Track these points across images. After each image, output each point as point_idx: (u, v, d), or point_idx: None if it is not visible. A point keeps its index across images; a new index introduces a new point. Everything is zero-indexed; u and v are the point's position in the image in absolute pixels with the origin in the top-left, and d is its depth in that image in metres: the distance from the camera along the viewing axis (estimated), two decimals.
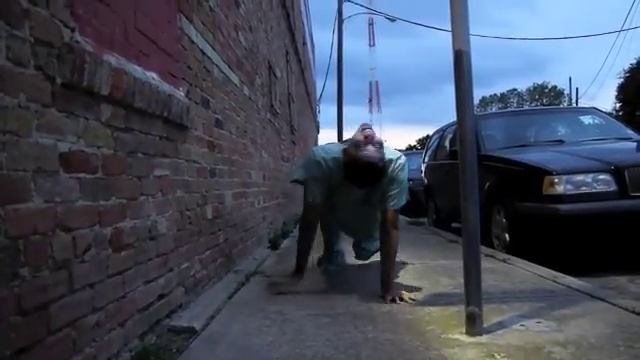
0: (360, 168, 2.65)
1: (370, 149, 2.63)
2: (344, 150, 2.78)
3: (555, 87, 64.95)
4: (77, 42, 1.54)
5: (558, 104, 53.13)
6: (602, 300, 2.55)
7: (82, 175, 1.60)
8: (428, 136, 10.39)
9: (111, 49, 1.79)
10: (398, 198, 2.88)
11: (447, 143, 7.13)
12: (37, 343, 1.33)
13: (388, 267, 2.87)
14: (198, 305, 2.63)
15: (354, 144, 2.68)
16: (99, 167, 1.71)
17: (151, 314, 2.13)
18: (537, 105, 56.80)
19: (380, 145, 2.68)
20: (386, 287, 2.80)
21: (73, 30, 1.53)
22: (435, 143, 8.04)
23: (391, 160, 2.83)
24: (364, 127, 2.77)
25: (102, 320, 1.69)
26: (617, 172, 4.07)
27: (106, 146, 1.77)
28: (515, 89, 70.56)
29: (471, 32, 2.16)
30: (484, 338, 2.05)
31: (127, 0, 1.99)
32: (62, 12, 1.48)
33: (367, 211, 3.20)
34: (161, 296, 2.25)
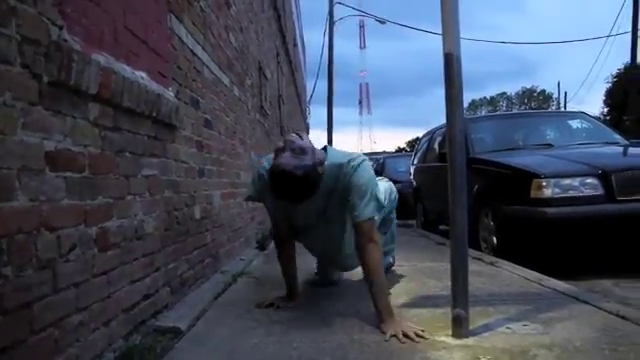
0: (275, 179, 2.24)
1: (285, 156, 2.22)
2: None
3: (544, 91, 65.49)
4: (65, 40, 1.53)
5: (546, 108, 53.54)
6: (588, 303, 2.57)
7: (68, 174, 1.59)
8: (418, 138, 10.43)
9: (100, 48, 1.78)
10: (363, 206, 2.38)
11: (436, 146, 7.16)
12: (19, 343, 1.32)
13: (377, 293, 2.35)
14: (184, 305, 2.62)
15: (275, 152, 2.31)
16: (86, 166, 1.70)
17: (136, 314, 2.11)
18: (526, 109, 57.17)
19: (301, 151, 2.25)
20: (384, 319, 2.27)
21: (61, 28, 1.52)
22: (424, 146, 8.06)
23: (340, 165, 2.43)
24: (293, 133, 2.41)
25: (86, 320, 1.67)
26: (604, 176, 4.10)
27: (93, 145, 1.76)
28: (504, 93, 71.14)
29: (461, 35, 2.17)
30: (470, 340, 2.06)
31: None
32: (50, 10, 1.48)
33: (330, 229, 2.71)
34: (147, 296, 2.23)
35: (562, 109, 32.93)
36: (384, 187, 3.14)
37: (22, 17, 1.34)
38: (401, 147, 58.41)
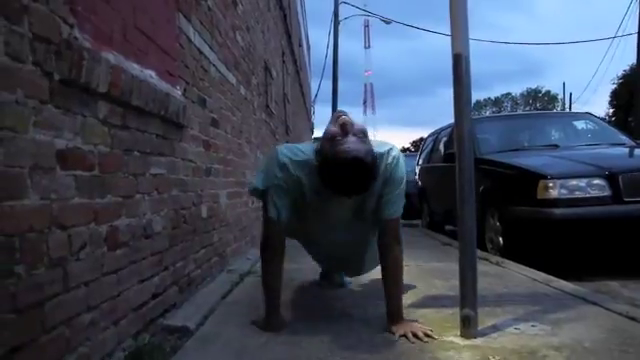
0: (342, 168, 1.96)
1: (352, 141, 1.98)
2: (317, 151, 2.12)
3: (549, 92, 65.34)
4: (76, 38, 1.53)
5: (552, 109, 53.44)
6: (596, 304, 2.56)
7: (78, 172, 1.59)
8: (422, 138, 10.41)
9: (110, 46, 1.78)
10: (398, 202, 2.26)
11: (441, 146, 7.16)
12: (31, 342, 1.32)
13: (395, 295, 2.25)
14: (192, 304, 2.62)
15: (328, 138, 2.03)
16: (95, 165, 1.70)
17: (145, 313, 2.11)
18: (531, 109, 57.08)
19: (364, 134, 2.05)
20: (395, 319, 2.21)
21: (72, 26, 1.52)
22: (429, 146, 8.06)
23: (382, 155, 2.19)
24: (339, 114, 2.10)
25: (96, 319, 1.68)
26: (611, 177, 4.09)
27: (103, 143, 1.76)
28: (509, 93, 70.99)
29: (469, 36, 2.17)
30: (479, 341, 2.05)
31: None
32: (61, 8, 1.47)
33: (358, 230, 2.44)
34: (155, 295, 2.23)
35: (567, 110, 32.85)
36: None
37: (34, 15, 1.34)
38: (406, 147, 58.41)
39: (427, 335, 2.09)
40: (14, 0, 1.27)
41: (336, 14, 16.82)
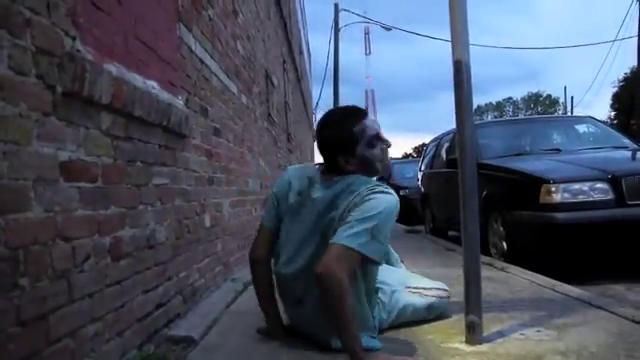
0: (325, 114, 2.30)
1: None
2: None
3: (550, 96, 65.35)
4: (78, 51, 1.54)
5: (553, 113, 53.42)
6: (602, 309, 2.55)
7: (82, 184, 1.59)
8: (424, 144, 10.43)
9: (112, 58, 1.79)
10: (356, 230, 1.88)
11: (443, 152, 7.15)
12: (36, 354, 1.32)
13: (339, 333, 1.90)
14: (196, 314, 2.62)
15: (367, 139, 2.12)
16: (99, 176, 1.71)
17: (149, 324, 2.11)
18: (532, 114, 57.08)
19: (355, 113, 2.22)
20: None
21: (74, 39, 1.53)
22: (432, 152, 8.05)
23: (366, 182, 2.05)
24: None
25: (101, 330, 1.67)
26: (614, 181, 4.08)
27: (106, 155, 1.77)
28: (510, 97, 71.04)
29: (469, 40, 2.17)
30: (484, 347, 2.05)
31: (128, 9, 1.99)
32: (63, 21, 1.48)
33: (321, 248, 1.98)
34: (159, 305, 2.23)
35: (569, 114, 32.84)
36: None
37: (36, 28, 1.35)
38: (408, 153, 58.43)
39: None
40: (16, 14, 1.28)
41: (336, 22, 16.89)
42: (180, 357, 2.06)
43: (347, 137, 2.10)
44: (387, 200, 1.98)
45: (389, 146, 2.23)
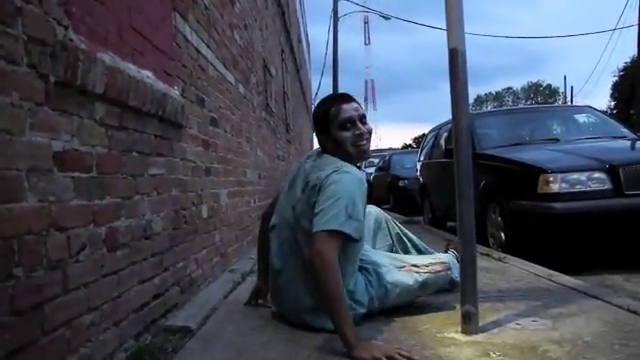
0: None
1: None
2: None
3: (550, 85, 65.25)
4: (71, 40, 1.53)
5: (553, 102, 53.36)
6: (597, 298, 2.55)
7: (76, 174, 1.59)
8: (424, 135, 10.43)
9: (105, 47, 1.78)
10: (330, 215, 1.99)
11: (442, 142, 7.14)
12: (31, 344, 1.32)
13: (331, 317, 1.95)
14: (194, 305, 2.63)
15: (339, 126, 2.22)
16: (93, 166, 1.70)
17: (146, 314, 2.12)
18: (532, 103, 57.00)
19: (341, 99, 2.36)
20: (347, 347, 1.87)
21: (67, 28, 1.52)
22: (430, 142, 8.04)
23: (333, 163, 2.16)
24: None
25: (97, 320, 1.68)
26: (612, 170, 4.08)
27: (100, 145, 1.76)
28: (510, 87, 70.97)
29: (470, 29, 2.16)
30: (480, 337, 2.05)
31: None
32: (56, 10, 1.47)
33: (294, 235, 2.24)
34: (156, 296, 2.24)
35: (568, 103, 32.79)
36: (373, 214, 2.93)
37: (28, 17, 1.34)
38: (407, 143, 58.39)
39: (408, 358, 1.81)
40: (7, 2, 1.27)
41: (335, 11, 16.82)
42: (177, 347, 2.07)
43: (322, 116, 2.28)
44: (348, 179, 2.09)
45: (367, 133, 2.26)
